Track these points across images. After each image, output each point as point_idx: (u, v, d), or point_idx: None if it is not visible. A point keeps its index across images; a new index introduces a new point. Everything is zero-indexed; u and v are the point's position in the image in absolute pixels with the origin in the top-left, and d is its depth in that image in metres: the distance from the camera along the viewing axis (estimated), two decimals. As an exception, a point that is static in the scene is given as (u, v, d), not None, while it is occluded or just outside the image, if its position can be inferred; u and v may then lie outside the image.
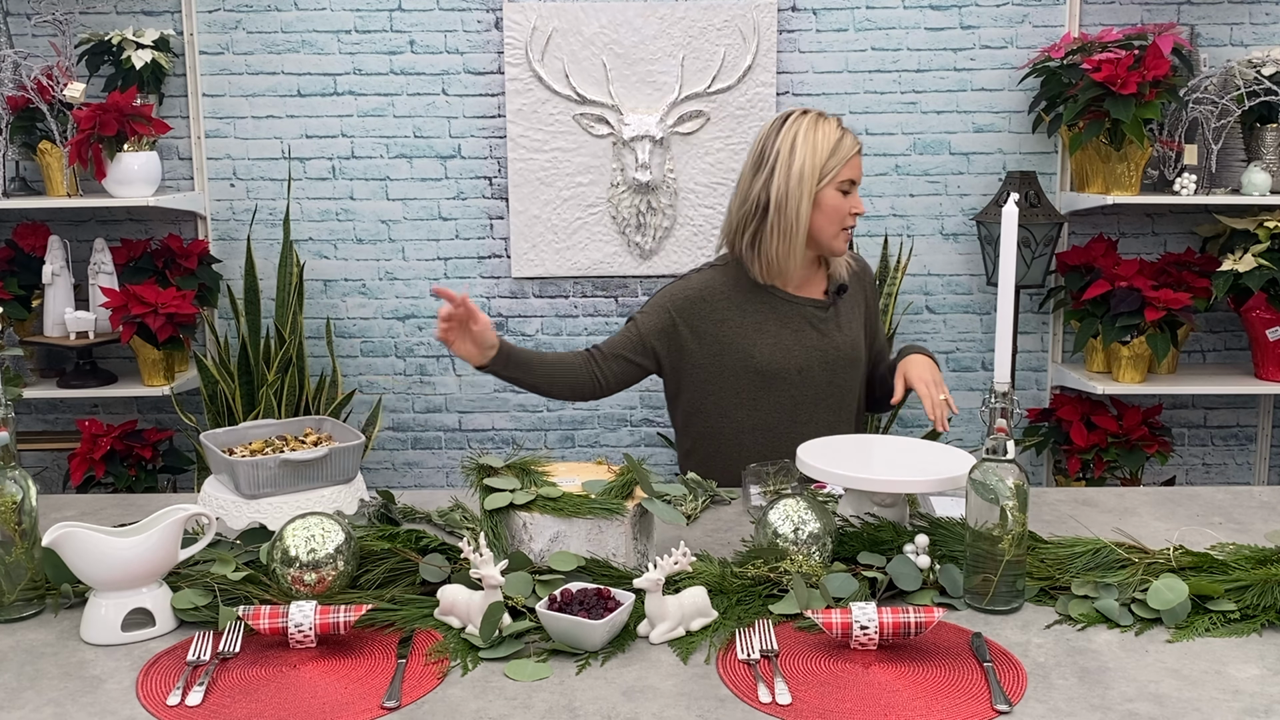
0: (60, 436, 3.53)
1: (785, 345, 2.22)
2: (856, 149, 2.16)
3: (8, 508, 1.55)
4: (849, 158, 2.15)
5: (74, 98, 3.10)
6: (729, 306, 2.22)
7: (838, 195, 2.15)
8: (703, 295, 2.22)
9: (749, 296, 2.23)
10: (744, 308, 2.22)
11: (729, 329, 2.22)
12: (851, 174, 2.16)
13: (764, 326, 2.22)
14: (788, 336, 2.22)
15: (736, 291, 2.23)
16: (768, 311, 2.22)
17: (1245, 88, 3.12)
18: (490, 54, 3.44)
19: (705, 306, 2.22)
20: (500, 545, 1.63)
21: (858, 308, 2.32)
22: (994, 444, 1.54)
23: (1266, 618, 1.51)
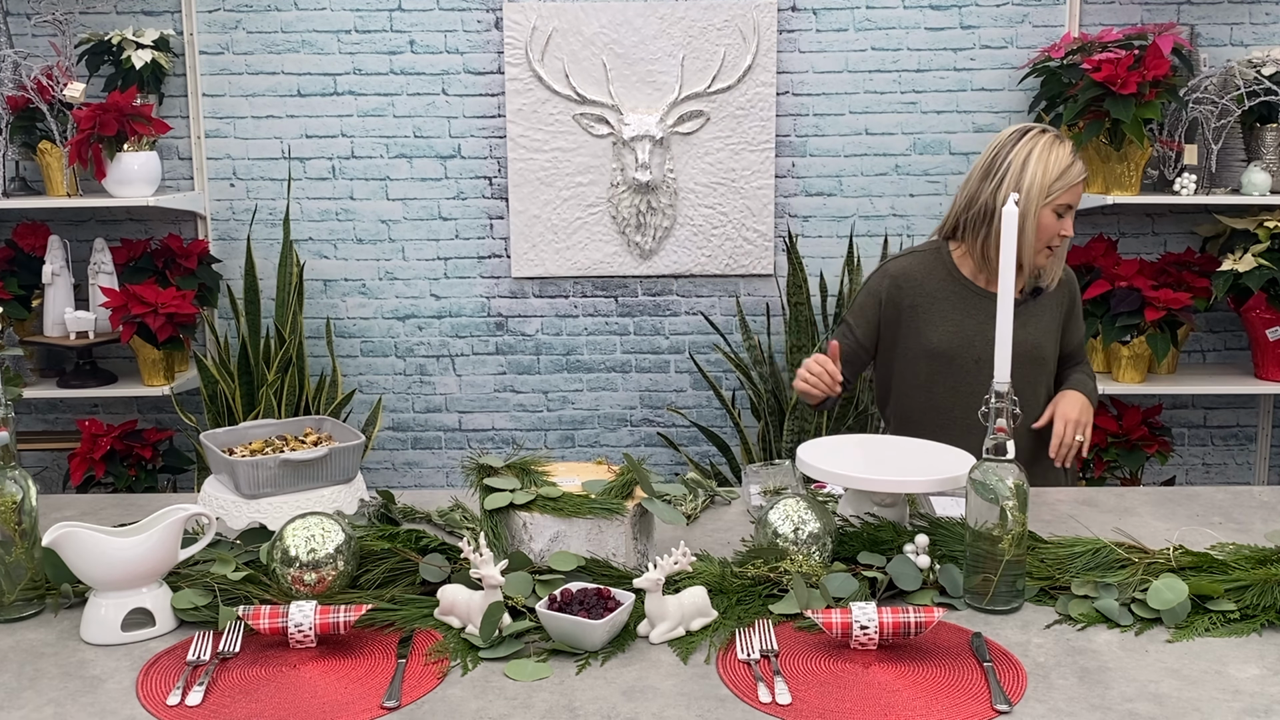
0: (60, 436, 3.53)
1: (965, 333, 2.28)
2: (1082, 177, 2.23)
3: (8, 508, 1.55)
4: (1073, 184, 2.22)
5: (74, 98, 3.10)
6: (918, 292, 2.31)
7: (1052, 216, 2.22)
8: (897, 280, 2.33)
9: (941, 284, 2.31)
10: (933, 295, 2.30)
11: (915, 314, 2.31)
12: (1070, 199, 2.23)
13: (947, 314, 2.29)
14: (970, 326, 2.28)
15: (929, 278, 2.31)
16: (955, 300, 2.30)
17: (1245, 88, 3.12)
18: (490, 54, 3.44)
19: (898, 291, 2.32)
20: (500, 545, 1.63)
21: (1052, 311, 2.35)
22: (994, 444, 1.54)
23: (1266, 618, 1.51)
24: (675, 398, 3.60)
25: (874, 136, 3.48)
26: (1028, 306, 2.31)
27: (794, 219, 3.52)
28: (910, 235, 3.51)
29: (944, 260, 2.33)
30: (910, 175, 3.50)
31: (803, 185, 3.51)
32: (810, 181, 3.51)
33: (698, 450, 3.61)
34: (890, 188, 3.51)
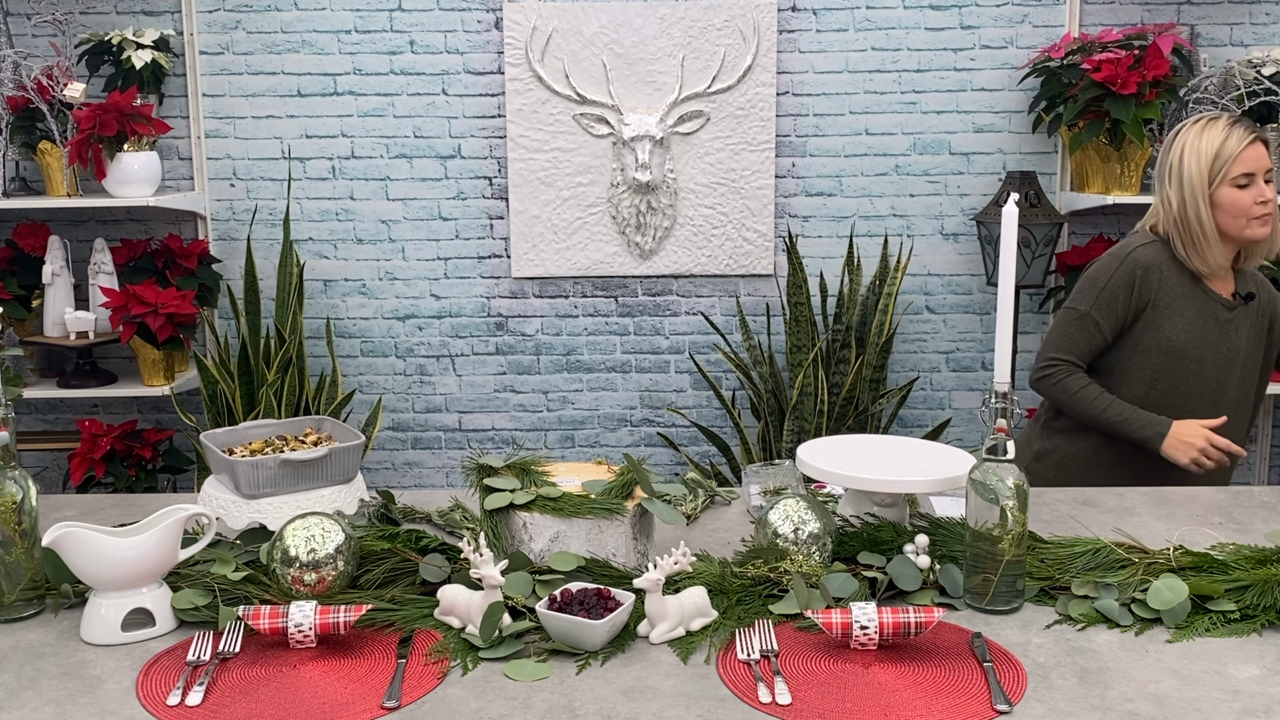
0: (60, 436, 3.53)
1: (1194, 334, 2.27)
2: (1247, 140, 2.22)
3: (8, 508, 1.55)
4: (1237, 153, 2.21)
5: (74, 98, 3.11)
6: (1162, 286, 2.28)
7: (1234, 191, 2.22)
8: (1148, 270, 2.28)
9: (1180, 279, 2.29)
10: (1174, 289, 2.28)
11: (1156, 308, 2.28)
12: (1244, 168, 2.22)
13: (1184, 311, 2.27)
14: (1198, 326, 2.28)
15: (1171, 271, 2.29)
16: (1190, 297, 2.28)
17: (1245, 88, 3.12)
18: (490, 54, 3.44)
19: (1147, 280, 2.28)
20: (500, 545, 1.63)
21: (1260, 319, 2.36)
22: (994, 444, 1.54)
23: (1266, 618, 1.51)
24: (675, 398, 3.60)
25: (874, 136, 3.48)
26: (1243, 312, 2.31)
27: (794, 219, 3.52)
28: (910, 235, 3.51)
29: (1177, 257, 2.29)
30: (910, 175, 3.50)
31: (803, 185, 3.51)
32: (810, 181, 3.51)
33: (698, 450, 3.61)
34: (890, 188, 3.51)
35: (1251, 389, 2.38)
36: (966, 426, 3.61)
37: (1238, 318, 2.31)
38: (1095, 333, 2.29)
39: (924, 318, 3.58)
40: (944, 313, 3.58)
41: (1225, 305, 2.30)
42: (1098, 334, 2.29)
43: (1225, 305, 2.30)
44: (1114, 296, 2.28)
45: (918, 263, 3.53)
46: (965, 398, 3.60)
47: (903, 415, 3.61)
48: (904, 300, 3.55)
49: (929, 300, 3.57)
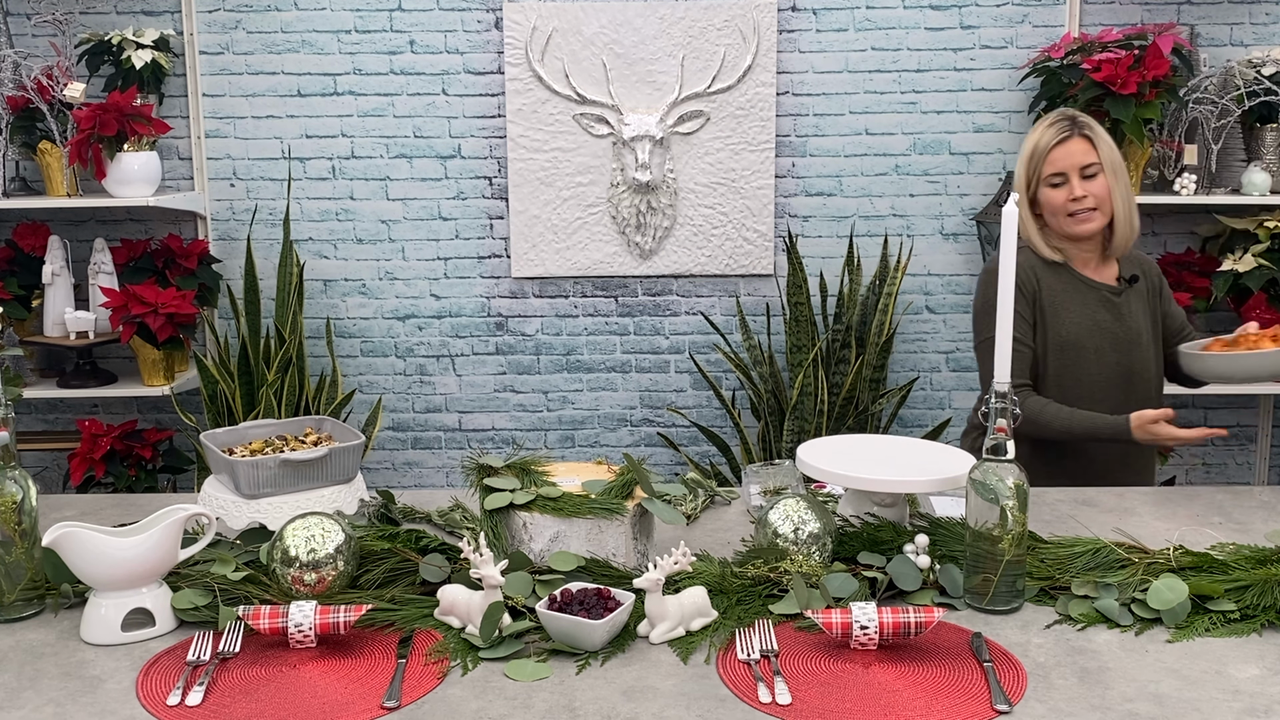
0: (60, 436, 3.53)
1: (1085, 324, 2.31)
2: (1057, 139, 2.27)
3: (8, 508, 1.55)
4: (1046, 153, 2.28)
5: (74, 98, 3.10)
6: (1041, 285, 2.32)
7: (1049, 191, 2.29)
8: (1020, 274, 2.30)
9: (1054, 275, 2.33)
10: (1052, 286, 2.33)
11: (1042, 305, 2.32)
12: (1053, 168, 2.28)
13: (1068, 304, 2.32)
14: (1088, 316, 2.31)
15: (1044, 270, 2.33)
16: (1071, 290, 2.33)
17: (1245, 88, 3.12)
18: (490, 54, 3.44)
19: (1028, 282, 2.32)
20: (500, 545, 1.63)
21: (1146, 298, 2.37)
22: (994, 444, 1.54)
23: (1266, 618, 1.51)
24: (675, 398, 3.60)
25: (874, 136, 3.48)
26: (1130, 294, 2.34)
27: (794, 219, 3.52)
28: (910, 235, 3.51)
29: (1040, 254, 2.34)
30: (910, 175, 3.50)
31: (803, 185, 3.51)
32: (810, 181, 3.51)
33: (698, 450, 3.61)
34: (890, 188, 3.51)
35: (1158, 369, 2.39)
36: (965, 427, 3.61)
37: (1128, 300, 2.33)
38: (1021, 349, 2.28)
39: (924, 318, 3.58)
40: (944, 313, 3.58)
41: (1111, 291, 2.33)
42: (1024, 348, 2.29)
43: (1111, 291, 2.33)
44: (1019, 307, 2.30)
45: (918, 263, 3.53)
46: (965, 398, 3.60)
47: (903, 415, 3.61)
48: (904, 300, 3.55)
49: (929, 300, 3.57)
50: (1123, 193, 2.28)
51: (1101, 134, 2.29)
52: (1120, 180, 2.28)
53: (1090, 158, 2.26)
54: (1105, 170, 2.26)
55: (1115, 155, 2.28)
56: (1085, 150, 2.26)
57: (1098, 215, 2.28)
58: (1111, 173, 2.27)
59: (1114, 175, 2.27)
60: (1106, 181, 2.26)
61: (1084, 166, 2.26)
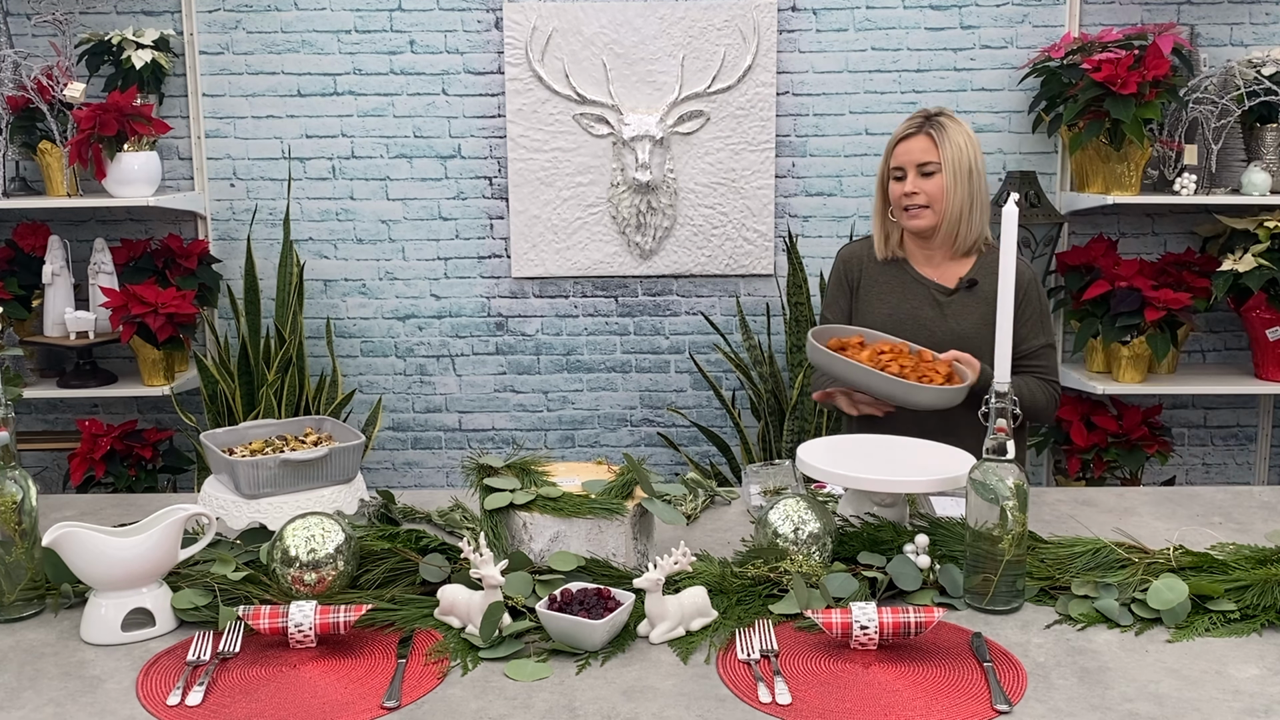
0: (60, 436, 3.53)
1: (899, 317, 2.35)
2: (901, 135, 2.34)
3: (8, 508, 1.55)
4: (892, 147, 2.35)
5: (74, 98, 3.10)
6: (864, 274, 2.43)
7: (892, 183, 2.36)
8: (848, 261, 2.47)
9: (885, 267, 2.41)
10: (876, 277, 2.41)
11: (859, 292, 2.42)
12: (895, 161, 2.35)
13: (885, 296, 2.38)
14: (905, 309, 2.36)
15: (874, 260, 2.43)
16: (895, 284, 2.39)
17: (1245, 88, 3.12)
18: (490, 54, 3.44)
19: (852, 269, 2.45)
20: (500, 545, 1.63)
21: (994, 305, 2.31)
22: (994, 444, 1.54)
23: (1266, 618, 1.51)
24: (675, 398, 3.60)
25: (874, 136, 3.48)
26: (965, 297, 2.34)
27: (794, 219, 3.52)
28: (910, 235, 3.51)
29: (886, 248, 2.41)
30: (910, 175, 3.49)
31: (803, 185, 3.51)
32: (810, 181, 3.51)
33: (698, 450, 3.61)
34: (890, 188, 3.50)
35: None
36: (966, 426, 3.61)
37: (959, 303, 2.33)
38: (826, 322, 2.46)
39: (924, 318, 3.57)
40: (944, 313, 3.57)
41: (941, 290, 2.35)
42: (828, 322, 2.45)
43: (941, 290, 2.35)
44: (833, 293, 2.47)
45: (918, 263, 3.53)
46: (965, 398, 3.60)
47: (903, 415, 3.61)
48: (904, 300, 3.55)
49: (929, 300, 3.57)
50: (962, 195, 2.29)
51: (953, 135, 2.29)
52: (961, 182, 2.28)
53: (929, 156, 2.29)
54: (945, 170, 2.28)
55: (964, 157, 2.29)
56: (926, 148, 2.29)
57: (928, 213, 2.31)
58: (952, 173, 2.28)
59: (954, 176, 2.28)
60: (943, 181, 2.28)
61: (921, 164, 2.30)
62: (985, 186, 2.36)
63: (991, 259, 2.36)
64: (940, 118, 2.32)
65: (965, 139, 2.31)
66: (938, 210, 2.31)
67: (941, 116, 2.33)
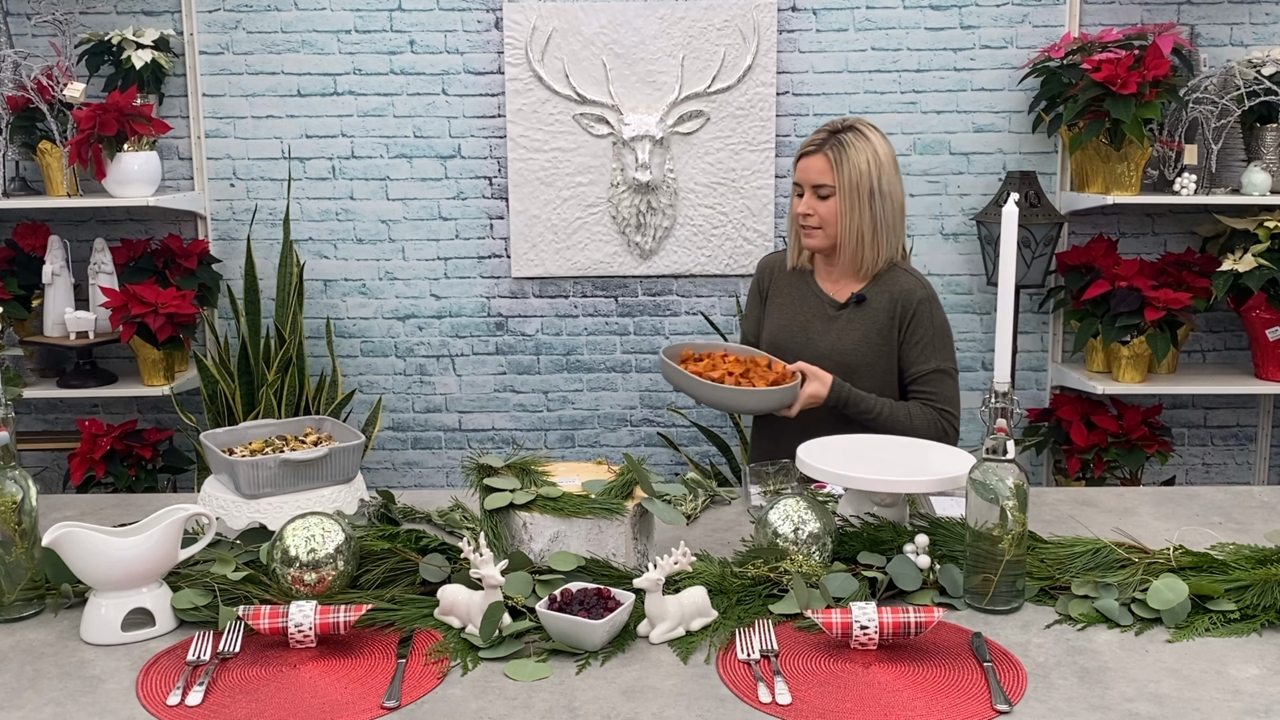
0: (60, 436, 3.53)
1: (793, 327, 2.35)
2: (803, 151, 2.29)
3: (8, 508, 1.55)
4: (796, 161, 2.31)
5: (74, 98, 3.10)
6: (773, 282, 2.44)
7: (794, 196, 2.33)
8: (763, 269, 2.48)
9: (792, 277, 2.42)
10: (783, 287, 2.42)
11: (766, 301, 2.44)
12: (796, 176, 2.31)
13: (784, 307, 2.39)
14: (797, 321, 2.35)
15: (784, 269, 2.44)
16: (795, 294, 2.39)
17: (1245, 88, 3.12)
18: (490, 54, 3.44)
19: (764, 276, 2.47)
20: (500, 545, 1.63)
21: (877, 325, 2.28)
22: (994, 444, 1.54)
23: (1266, 618, 1.51)
24: (675, 398, 3.60)
25: (874, 136, 3.48)
26: (855, 313, 2.29)
27: (794, 219, 3.51)
28: (910, 235, 3.51)
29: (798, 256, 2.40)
30: (910, 175, 3.50)
31: (803, 185, 3.51)
32: (810, 181, 3.50)
33: (698, 450, 3.61)
34: (890, 188, 3.50)
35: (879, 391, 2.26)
36: (966, 427, 3.61)
37: (845, 318, 2.29)
38: (743, 338, 2.50)
39: (924, 318, 3.57)
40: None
41: (832, 305, 2.32)
42: (744, 337, 2.50)
43: (832, 305, 2.32)
44: (749, 302, 2.49)
45: (918, 263, 3.53)
46: (965, 398, 3.59)
47: (903, 415, 3.61)
48: (904, 300, 3.55)
49: (929, 300, 3.57)
50: (860, 220, 2.22)
51: (853, 156, 2.20)
52: (859, 207, 2.21)
53: (824, 178, 2.22)
54: (840, 195, 2.21)
55: (864, 180, 2.20)
56: (822, 169, 2.22)
57: (820, 234, 2.26)
58: (848, 198, 2.21)
59: (850, 201, 2.21)
60: (838, 205, 2.22)
61: (816, 185, 2.24)
62: (895, 207, 2.25)
63: (892, 277, 2.28)
64: (846, 134, 2.22)
65: (869, 159, 2.20)
66: (830, 233, 2.26)
67: (848, 134, 2.22)
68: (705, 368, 2.16)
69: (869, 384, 2.26)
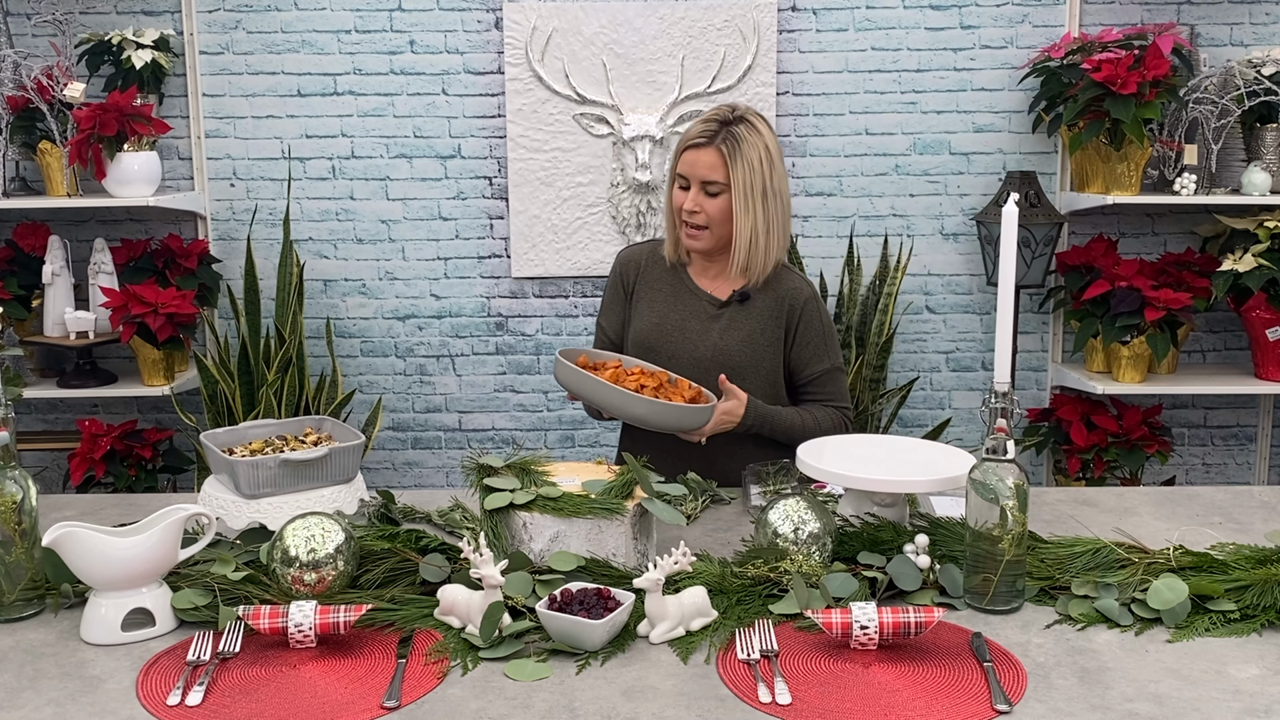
0: (60, 436, 3.53)
1: (667, 326, 2.22)
2: (690, 142, 2.12)
3: (8, 508, 1.55)
4: (681, 152, 2.15)
5: (74, 98, 3.10)
6: (640, 279, 2.29)
7: (675, 189, 2.18)
8: (626, 264, 2.33)
9: (663, 273, 2.29)
10: (652, 283, 2.28)
11: (633, 298, 2.30)
12: (680, 169, 2.15)
13: (655, 304, 2.26)
14: (673, 319, 2.23)
15: (654, 266, 2.30)
16: (669, 290, 2.27)
17: (1245, 88, 3.12)
18: (490, 54, 3.44)
19: (629, 272, 2.31)
20: (500, 545, 1.63)
21: (763, 324, 2.21)
22: (994, 444, 1.54)
23: (1266, 618, 1.51)
24: (675, 398, 3.60)
25: (874, 136, 3.48)
26: (738, 312, 2.20)
27: (794, 219, 3.51)
28: (910, 235, 3.51)
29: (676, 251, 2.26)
30: (910, 175, 3.50)
31: (803, 185, 3.51)
32: (810, 181, 3.51)
33: (698, 450, 3.60)
34: (890, 188, 3.51)
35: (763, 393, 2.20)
36: (966, 426, 3.61)
37: (728, 317, 2.19)
38: (604, 335, 2.32)
39: (924, 318, 3.58)
40: (944, 313, 3.58)
41: (712, 303, 2.21)
42: (606, 336, 2.32)
43: (712, 303, 2.21)
44: (611, 296, 2.33)
45: (918, 263, 3.53)
46: (965, 398, 3.60)
47: (903, 415, 3.61)
48: (904, 300, 3.55)
49: (929, 300, 3.57)
50: (753, 221, 2.09)
51: (747, 152, 2.07)
52: (752, 208, 2.08)
53: (715, 175, 2.08)
54: (733, 194, 2.08)
55: (757, 179, 2.07)
56: (713, 164, 2.08)
57: (706, 235, 2.13)
58: (743, 197, 2.07)
59: (743, 201, 2.08)
60: (729, 204, 2.09)
61: (706, 181, 2.09)
62: (785, 205, 2.13)
63: (774, 276, 2.20)
64: (737, 127, 2.08)
65: (761, 156, 2.07)
66: (717, 234, 2.13)
67: (739, 126, 2.09)
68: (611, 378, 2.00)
69: (753, 386, 2.17)
